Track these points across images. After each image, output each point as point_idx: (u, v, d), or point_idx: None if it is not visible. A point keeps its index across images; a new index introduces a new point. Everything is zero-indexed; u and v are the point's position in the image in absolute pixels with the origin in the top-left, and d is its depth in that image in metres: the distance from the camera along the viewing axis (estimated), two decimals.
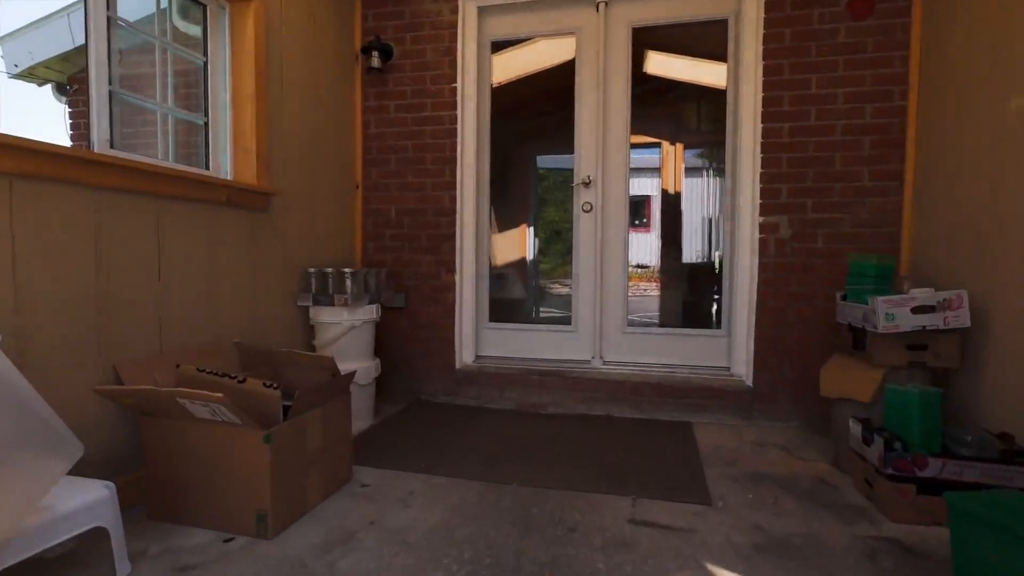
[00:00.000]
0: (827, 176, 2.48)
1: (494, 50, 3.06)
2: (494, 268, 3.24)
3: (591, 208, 2.90)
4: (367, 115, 3.07)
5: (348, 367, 2.41)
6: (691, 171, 3.49)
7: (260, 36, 2.27)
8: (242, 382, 1.59)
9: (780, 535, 1.52)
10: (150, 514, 1.60)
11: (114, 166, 1.63)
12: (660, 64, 3.05)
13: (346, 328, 2.46)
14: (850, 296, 2.12)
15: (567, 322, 3.00)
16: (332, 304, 2.45)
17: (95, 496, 1.24)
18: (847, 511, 1.67)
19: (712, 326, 2.82)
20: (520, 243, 3.42)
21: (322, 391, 1.73)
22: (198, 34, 2.21)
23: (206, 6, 2.17)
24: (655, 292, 3.29)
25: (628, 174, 2.88)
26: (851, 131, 2.45)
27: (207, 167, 2.19)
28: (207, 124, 2.20)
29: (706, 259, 3.27)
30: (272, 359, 1.97)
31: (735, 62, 2.68)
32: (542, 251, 3.38)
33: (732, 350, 2.67)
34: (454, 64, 2.94)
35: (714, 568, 1.36)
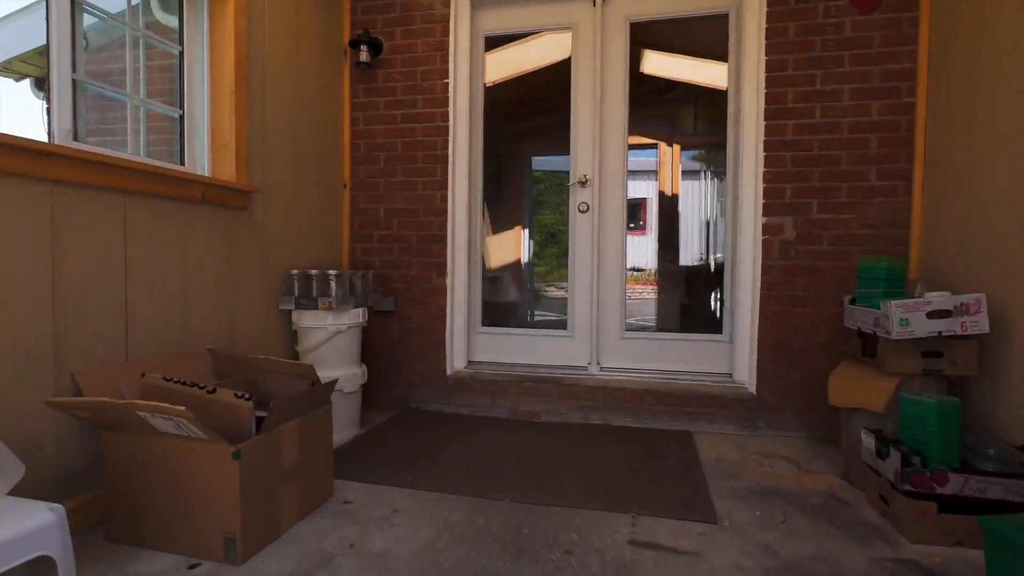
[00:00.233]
0: (833, 175, 2.38)
1: (488, 47, 2.95)
2: (488, 271, 3.13)
3: (587, 208, 2.80)
4: (355, 111, 2.96)
5: (332, 374, 2.30)
6: (689, 173, 3.41)
7: (240, 26, 2.15)
8: (212, 392, 1.47)
9: (792, 558, 1.41)
10: (110, 536, 1.48)
11: (74, 159, 1.51)
12: (658, 64, 2.95)
13: (331, 333, 2.34)
14: (859, 300, 2.02)
15: (563, 326, 2.89)
16: (316, 308, 2.33)
17: (39, 521, 1.12)
18: (862, 530, 1.56)
19: (713, 331, 2.71)
20: (515, 245, 3.31)
21: (299, 401, 1.61)
22: (176, 24, 2.09)
23: None
24: (651, 296, 3.19)
25: (626, 172, 2.77)
26: (858, 128, 2.36)
27: (182, 163, 2.07)
28: (183, 118, 2.08)
29: (705, 262, 3.17)
30: (248, 367, 1.85)
31: (736, 57, 2.58)
32: (537, 254, 3.28)
33: (734, 356, 2.57)
34: (446, 59, 2.84)
35: None
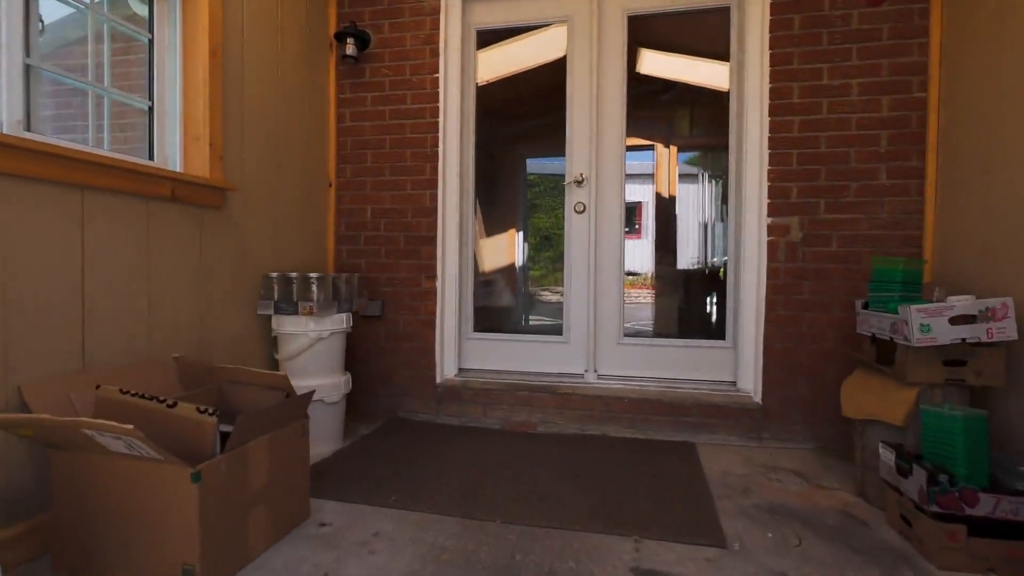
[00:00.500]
0: (841, 174, 2.27)
1: (480, 45, 2.83)
2: (481, 274, 3.01)
3: (584, 208, 2.67)
4: (342, 107, 2.83)
5: (314, 383, 2.16)
6: (686, 176, 3.30)
7: (216, 12, 2.02)
8: (172, 406, 1.33)
9: None
10: (57, 566, 1.33)
11: (24, 150, 1.37)
12: (655, 63, 2.84)
13: (312, 339, 2.20)
14: (872, 304, 1.90)
15: (558, 332, 2.76)
16: (296, 313, 2.19)
17: None
18: (885, 556, 1.43)
19: (715, 336, 2.59)
20: (509, 248, 3.18)
21: (271, 415, 1.47)
22: (145, 11, 1.96)
23: None
24: (645, 300, 3.07)
25: (624, 170, 2.66)
26: (867, 125, 2.25)
27: (152, 157, 1.94)
28: (152, 109, 1.94)
29: (704, 266, 3.06)
30: (217, 377, 1.71)
31: (739, 52, 2.48)
32: (532, 257, 3.15)
33: (738, 363, 2.44)
34: (436, 53, 2.71)
35: None
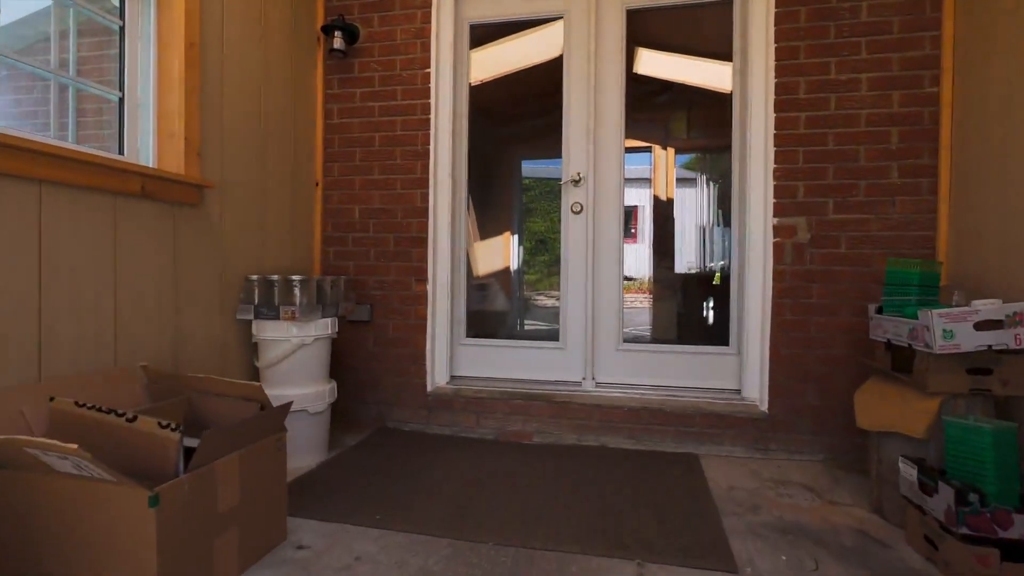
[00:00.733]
0: (850, 172, 2.18)
1: (474, 42, 2.73)
2: (475, 278, 2.89)
3: (581, 209, 2.57)
4: (329, 103, 2.72)
5: (296, 392, 2.04)
6: (684, 179, 3.20)
7: (193, 1, 1.91)
8: (132, 420, 1.21)
9: None
10: None
11: None
12: (654, 63, 2.75)
13: (295, 346, 2.08)
14: (887, 309, 1.80)
15: (555, 337, 2.64)
16: (278, 317, 2.07)
17: None
18: None
19: (718, 342, 2.48)
20: (504, 252, 3.07)
21: (243, 429, 1.35)
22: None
23: None
24: (641, 305, 2.96)
25: (623, 168, 2.55)
26: (876, 121, 2.16)
27: (121, 151, 1.82)
28: (122, 101, 1.82)
29: (707, 269, 2.96)
30: (188, 387, 1.58)
31: (743, 45, 2.38)
32: (527, 261, 3.04)
33: (743, 370, 2.33)
34: (427, 47, 2.61)
35: None
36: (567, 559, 1.42)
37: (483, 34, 2.75)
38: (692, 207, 3.18)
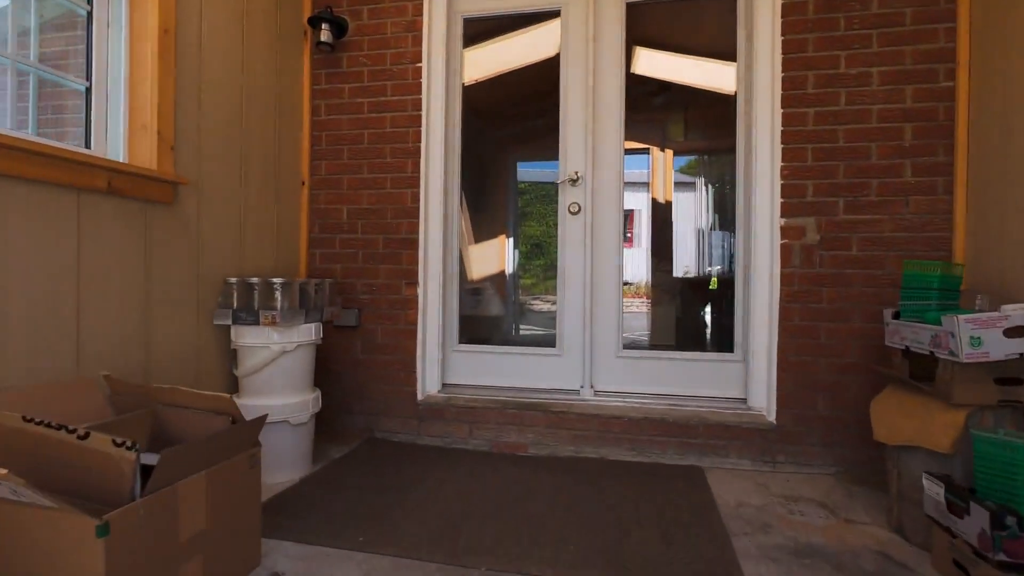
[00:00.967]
0: (861, 170, 2.08)
1: (467, 40, 2.62)
2: (470, 282, 2.78)
3: (579, 209, 2.46)
4: (316, 99, 2.60)
5: (277, 402, 1.92)
6: (686, 180, 3.10)
7: None
8: (84, 438, 1.09)
9: None
10: None
11: None
12: (653, 63, 2.65)
13: (275, 353, 1.96)
14: (904, 314, 1.70)
15: (551, 343, 2.53)
16: (258, 323, 1.95)
17: None
18: None
19: (723, 348, 2.37)
20: (498, 255, 2.96)
21: (210, 446, 1.23)
22: None
23: None
24: (637, 310, 2.86)
25: (622, 167, 2.45)
26: (889, 117, 2.06)
27: (88, 145, 1.70)
28: (89, 91, 1.70)
29: (710, 273, 2.85)
30: (154, 399, 1.46)
31: (748, 38, 2.28)
32: (523, 265, 2.93)
33: (749, 378, 2.22)
34: (419, 41, 2.50)
35: None
36: None
37: (477, 32, 2.65)
38: (691, 210, 3.08)
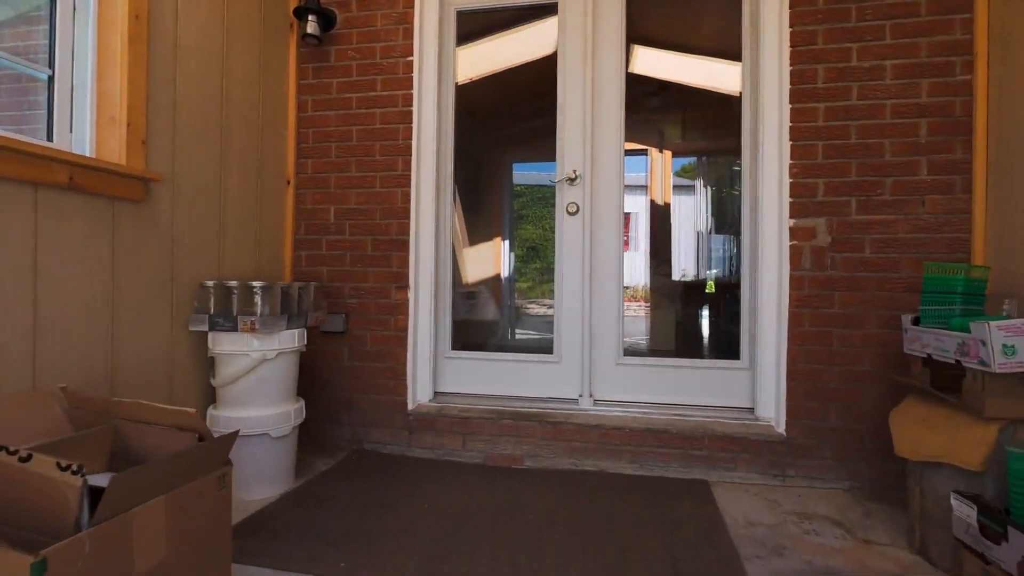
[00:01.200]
0: (875, 168, 1.98)
1: (460, 40, 2.51)
2: (464, 285, 2.67)
3: (578, 209, 2.35)
4: (303, 95, 2.49)
5: (256, 413, 1.81)
6: (686, 183, 3.00)
7: None
8: (26, 460, 0.97)
9: None
10: None
11: None
12: (651, 62, 2.55)
13: (255, 361, 1.84)
14: (926, 319, 1.59)
15: (548, 349, 2.41)
16: (236, 329, 1.83)
17: None
18: None
19: (728, 355, 2.26)
20: (494, 258, 2.85)
21: (171, 468, 1.11)
22: None
23: None
24: (634, 314, 2.74)
25: (623, 165, 2.34)
26: (903, 112, 1.96)
27: (51, 137, 1.58)
28: (52, 80, 1.59)
29: (703, 277, 2.74)
30: (116, 413, 1.34)
31: (753, 30, 2.18)
32: (518, 268, 2.82)
33: (757, 387, 2.11)
34: (410, 34, 2.39)
35: None
36: None
37: (471, 29, 2.54)
38: (690, 213, 2.99)
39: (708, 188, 2.85)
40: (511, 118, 2.86)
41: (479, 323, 2.73)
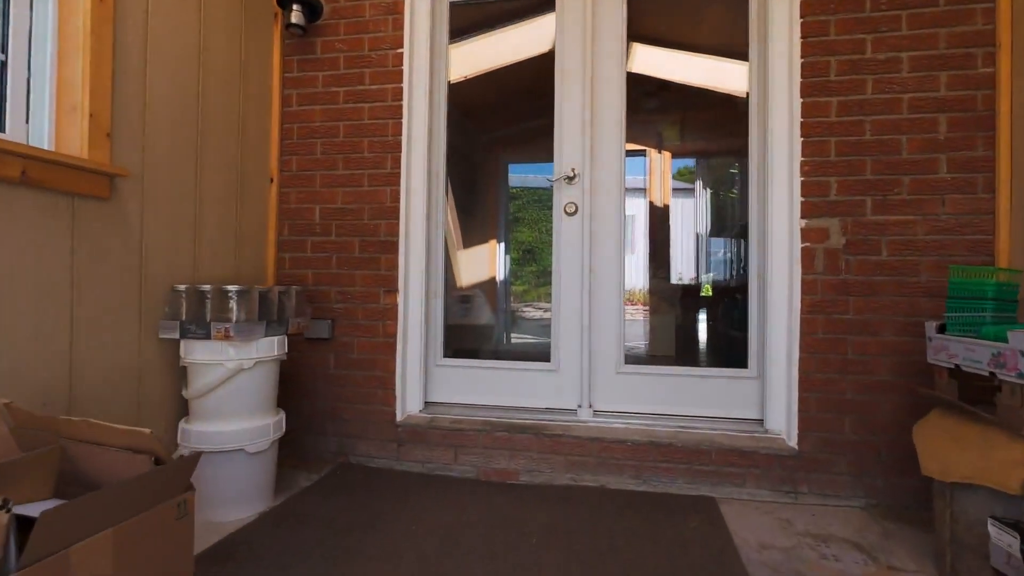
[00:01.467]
0: (891, 166, 1.87)
1: (453, 36, 2.39)
2: (457, 289, 2.54)
3: (576, 210, 2.23)
4: (287, 88, 2.36)
5: (232, 427, 1.69)
6: (682, 187, 2.89)
7: None
8: None
9: None
10: None
11: None
12: (651, 61, 2.44)
13: (231, 371, 1.71)
14: (952, 327, 1.48)
15: (545, 357, 2.29)
16: (210, 336, 1.70)
17: None
18: None
19: (736, 364, 2.15)
20: (489, 261, 2.72)
21: (119, 496, 0.98)
22: None
23: None
24: (634, 317, 2.63)
25: (623, 164, 2.23)
26: (921, 106, 1.85)
27: (2, 128, 1.45)
28: (4, 65, 1.45)
29: (702, 281, 2.63)
30: (63, 433, 1.20)
31: (761, 19, 2.07)
32: (514, 272, 2.69)
33: (766, 397, 2.00)
34: (400, 25, 2.27)
35: None
36: None
37: (464, 25, 2.43)
38: (690, 216, 2.88)
39: (708, 190, 2.74)
40: (507, 118, 2.74)
41: (473, 328, 2.60)
